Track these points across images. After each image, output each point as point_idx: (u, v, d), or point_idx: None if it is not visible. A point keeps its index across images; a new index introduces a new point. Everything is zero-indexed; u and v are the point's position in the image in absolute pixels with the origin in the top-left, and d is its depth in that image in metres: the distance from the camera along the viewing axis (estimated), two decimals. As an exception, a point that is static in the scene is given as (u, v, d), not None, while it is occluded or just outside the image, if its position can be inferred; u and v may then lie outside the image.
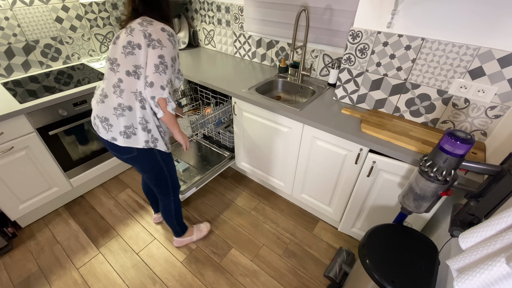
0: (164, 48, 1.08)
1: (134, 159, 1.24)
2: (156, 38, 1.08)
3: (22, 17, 1.78)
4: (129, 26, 1.12)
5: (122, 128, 1.14)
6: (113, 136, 1.16)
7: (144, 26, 1.09)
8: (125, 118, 1.13)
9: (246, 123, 1.80)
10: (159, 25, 1.11)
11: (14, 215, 1.68)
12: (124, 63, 1.10)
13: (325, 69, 1.85)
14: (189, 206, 2.00)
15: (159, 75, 1.08)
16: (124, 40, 1.10)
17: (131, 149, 1.19)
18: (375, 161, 1.30)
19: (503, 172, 0.83)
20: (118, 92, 1.11)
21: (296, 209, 2.00)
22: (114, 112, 1.13)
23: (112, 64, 1.13)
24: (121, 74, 1.11)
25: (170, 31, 1.12)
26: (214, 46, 2.45)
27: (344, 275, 1.47)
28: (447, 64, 1.20)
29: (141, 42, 1.08)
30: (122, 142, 1.16)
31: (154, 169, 1.31)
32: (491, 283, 0.63)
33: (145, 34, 1.07)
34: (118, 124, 1.14)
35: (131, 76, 1.10)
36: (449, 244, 1.11)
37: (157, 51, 1.07)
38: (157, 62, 1.07)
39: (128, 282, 1.53)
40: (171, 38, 1.11)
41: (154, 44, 1.07)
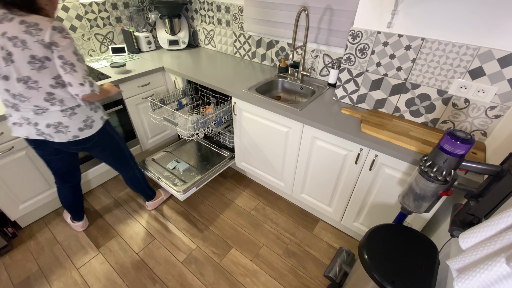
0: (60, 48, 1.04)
1: (96, 143, 1.35)
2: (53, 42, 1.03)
3: (22, 17, 1.78)
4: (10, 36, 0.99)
5: (81, 124, 1.23)
6: (73, 135, 1.23)
7: (35, 34, 1.00)
8: (78, 115, 1.21)
9: (246, 123, 1.80)
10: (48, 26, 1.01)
11: (14, 215, 1.68)
12: (42, 79, 1.07)
13: (325, 69, 1.85)
14: (189, 206, 2.00)
15: (71, 75, 1.08)
16: (23, 55, 1.01)
17: (93, 135, 1.30)
18: (377, 155, 1.30)
19: (503, 172, 0.83)
20: (57, 102, 1.15)
21: (296, 209, 2.00)
22: (64, 114, 1.18)
23: (27, 83, 1.07)
24: (45, 89, 1.10)
25: (60, 26, 1.04)
26: (214, 46, 2.45)
27: (344, 275, 1.47)
28: (447, 64, 1.20)
29: (47, 55, 1.04)
30: (86, 134, 1.26)
31: (112, 145, 1.44)
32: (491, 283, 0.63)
33: (44, 45, 1.02)
34: (74, 123, 1.21)
35: (58, 87, 1.12)
36: (449, 244, 1.11)
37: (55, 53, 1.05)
38: (61, 64, 1.06)
39: (128, 282, 1.53)
40: (64, 34, 1.05)
41: (52, 49, 1.04)
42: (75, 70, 1.08)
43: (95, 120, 1.28)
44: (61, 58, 1.05)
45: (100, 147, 1.39)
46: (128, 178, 1.66)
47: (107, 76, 1.87)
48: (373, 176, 1.38)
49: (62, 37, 1.04)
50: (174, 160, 2.10)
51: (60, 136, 1.22)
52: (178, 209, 1.97)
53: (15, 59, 1.02)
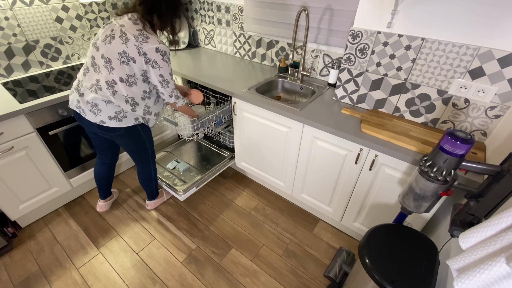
0: (161, 69, 1.27)
1: (121, 136, 1.42)
2: (153, 59, 1.24)
3: (22, 17, 1.78)
4: (124, 30, 1.22)
5: (113, 114, 1.31)
6: (101, 119, 1.32)
7: (140, 41, 1.21)
8: (115, 105, 1.30)
9: (246, 123, 1.80)
10: (153, 44, 1.22)
11: (14, 215, 1.68)
12: (118, 69, 1.24)
13: (325, 69, 1.85)
14: (189, 206, 2.00)
15: (165, 88, 1.33)
16: (119, 46, 1.21)
17: (120, 128, 1.37)
18: (377, 155, 1.30)
19: (503, 172, 0.83)
20: (111, 91, 1.27)
21: (296, 209, 2.00)
22: (104, 99, 1.28)
23: (107, 63, 1.24)
24: (115, 77, 1.25)
25: (163, 50, 1.25)
26: (214, 46, 2.45)
27: (344, 275, 1.47)
28: (447, 64, 1.20)
29: (136, 58, 1.22)
30: (113, 124, 1.33)
31: (138, 143, 1.51)
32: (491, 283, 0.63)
33: (139, 51, 1.21)
34: (107, 110, 1.30)
35: (124, 83, 1.26)
36: (449, 244, 1.11)
37: (157, 71, 1.27)
38: (160, 80, 1.30)
39: (128, 282, 1.53)
40: (165, 58, 1.26)
41: (152, 64, 1.25)
42: (168, 86, 1.34)
43: (128, 117, 1.35)
44: (161, 77, 1.29)
45: (125, 141, 1.47)
46: (142, 173, 1.72)
47: (107, 76, 1.87)
48: (373, 176, 1.38)
49: (162, 60, 1.26)
50: (174, 160, 2.10)
51: (90, 116, 1.32)
52: (178, 209, 1.97)
53: (113, 43, 1.22)
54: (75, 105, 1.35)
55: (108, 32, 1.24)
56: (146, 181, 1.76)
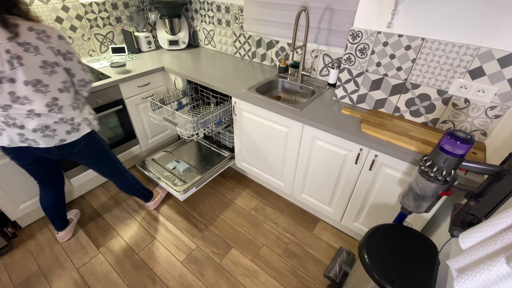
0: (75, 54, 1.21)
1: (83, 148, 1.35)
2: (65, 51, 1.16)
3: (22, 17, 1.78)
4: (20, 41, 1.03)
5: (69, 127, 1.25)
6: (60, 138, 1.24)
7: (47, 41, 1.09)
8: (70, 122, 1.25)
9: (246, 123, 1.80)
10: (54, 33, 1.11)
11: (14, 215, 1.68)
12: (52, 82, 1.14)
13: (325, 69, 1.85)
14: (189, 206, 2.00)
15: (87, 73, 1.29)
16: (35, 60, 1.07)
17: (79, 140, 1.31)
18: (377, 155, 1.30)
19: (503, 172, 0.83)
20: (56, 109, 1.18)
21: (296, 209, 2.00)
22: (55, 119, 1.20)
23: (37, 86, 1.10)
24: (53, 93, 1.15)
25: (61, 34, 1.15)
26: (214, 46, 2.45)
27: (344, 275, 1.47)
28: (447, 64, 1.20)
29: (56, 60, 1.13)
30: (74, 137, 1.28)
31: (100, 150, 1.45)
32: (491, 283, 0.63)
33: (54, 52, 1.12)
34: (63, 127, 1.23)
35: (64, 92, 1.19)
36: (449, 244, 1.11)
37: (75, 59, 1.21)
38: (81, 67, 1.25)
39: (128, 282, 1.53)
40: (67, 41, 1.18)
41: (66, 56, 1.17)
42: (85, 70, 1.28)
43: (81, 124, 1.29)
44: (80, 63, 1.23)
45: (87, 153, 1.39)
46: (120, 183, 1.64)
47: (107, 76, 1.87)
48: (373, 176, 1.38)
49: (67, 44, 1.17)
50: (174, 160, 2.10)
51: (47, 141, 1.21)
52: (178, 209, 1.97)
53: (25, 63, 1.06)
54: (19, 140, 1.18)
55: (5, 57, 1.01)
56: (129, 188, 1.70)
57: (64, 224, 1.70)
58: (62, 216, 1.66)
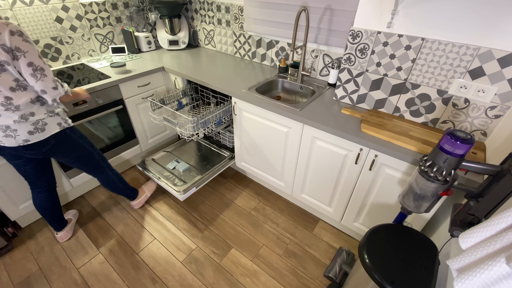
0: (27, 53, 1.04)
1: (54, 147, 1.27)
2: (15, 47, 1.02)
3: (22, 17, 1.78)
4: None
5: (31, 127, 1.16)
6: (23, 139, 1.17)
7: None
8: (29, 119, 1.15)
9: (246, 123, 1.80)
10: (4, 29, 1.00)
11: (14, 215, 1.68)
12: (2, 81, 1.04)
13: (325, 69, 1.85)
14: (189, 206, 2.00)
15: (42, 81, 1.09)
16: None
17: (48, 139, 1.22)
18: (377, 155, 1.30)
19: (503, 172, 0.83)
20: (12, 108, 1.10)
21: (296, 209, 2.00)
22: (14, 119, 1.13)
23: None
24: (5, 92, 1.07)
25: (18, 30, 1.02)
26: (214, 46, 2.45)
27: (344, 275, 1.47)
28: (447, 64, 1.20)
29: (6, 59, 1.02)
30: (39, 137, 1.18)
31: (77, 149, 1.37)
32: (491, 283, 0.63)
33: (4, 49, 1.00)
34: (24, 126, 1.15)
35: (18, 90, 1.08)
36: (449, 244, 1.11)
37: (24, 60, 1.04)
38: (31, 71, 1.05)
39: (128, 282, 1.53)
40: (24, 37, 1.03)
41: (15, 54, 1.02)
42: (45, 75, 1.08)
43: (48, 123, 1.21)
44: (30, 65, 1.04)
45: (62, 152, 1.32)
46: (103, 181, 1.63)
47: (107, 76, 1.87)
48: (373, 176, 1.38)
49: (24, 41, 1.02)
50: (174, 160, 2.10)
51: (9, 141, 1.16)
52: (178, 209, 1.97)
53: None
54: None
55: None
56: (112, 186, 1.68)
57: (62, 224, 1.70)
58: (58, 216, 1.65)
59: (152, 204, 2.01)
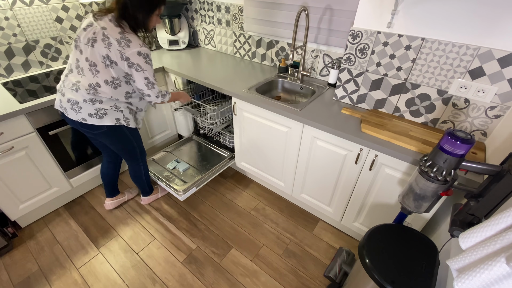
0: (145, 71, 1.30)
1: (104, 134, 1.43)
2: (136, 63, 1.27)
3: (22, 17, 1.78)
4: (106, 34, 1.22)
5: (93, 111, 1.33)
6: (82, 117, 1.33)
7: (122, 46, 1.23)
8: (96, 104, 1.32)
9: (246, 123, 1.80)
10: (135, 48, 1.24)
11: (14, 215, 1.68)
12: (103, 72, 1.28)
13: (325, 69, 1.85)
14: (189, 206, 2.00)
15: (151, 90, 1.36)
16: (102, 50, 1.24)
17: (101, 126, 1.38)
18: (377, 155, 1.30)
19: (503, 172, 0.83)
20: (92, 92, 1.30)
21: (296, 209, 2.00)
22: (85, 100, 1.31)
23: (92, 67, 1.27)
24: (99, 80, 1.28)
25: (145, 53, 1.28)
26: (214, 46, 2.45)
27: (344, 275, 1.47)
28: (447, 64, 1.20)
29: (118, 62, 1.26)
30: (93, 121, 1.35)
31: (124, 142, 1.52)
32: (491, 283, 0.63)
33: (122, 56, 1.24)
34: (87, 107, 1.32)
35: (109, 85, 1.30)
36: (449, 244, 1.11)
37: (141, 74, 1.30)
38: (146, 82, 1.33)
39: (128, 282, 1.53)
40: (147, 60, 1.30)
41: (136, 68, 1.28)
42: (154, 87, 1.37)
43: (108, 114, 1.36)
44: (146, 79, 1.32)
45: (109, 140, 1.48)
46: (132, 170, 1.75)
47: (107, 76, 1.87)
48: (373, 176, 1.38)
49: (146, 62, 1.29)
50: (174, 160, 2.10)
51: (72, 114, 1.34)
52: (178, 209, 1.97)
53: (96, 47, 1.24)
54: (59, 105, 1.37)
55: (90, 35, 1.24)
56: (136, 178, 1.79)
57: (112, 193, 1.89)
58: (112, 185, 1.85)
59: (152, 204, 2.01)
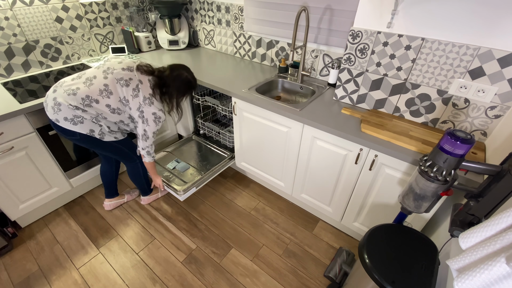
0: (148, 127, 1.42)
1: (79, 141, 1.41)
2: (146, 117, 1.40)
3: (22, 17, 1.78)
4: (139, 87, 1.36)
5: (70, 116, 1.30)
6: (57, 118, 1.31)
7: (145, 103, 1.37)
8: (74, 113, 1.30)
9: (246, 123, 1.80)
10: (154, 109, 1.39)
11: (14, 215, 1.68)
12: (113, 102, 1.34)
13: (325, 69, 1.85)
14: (189, 206, 2.00)
15: (142, 141, 1.47)
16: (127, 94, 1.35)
17: (73, 132, 1.35)
18: (377, 155, 1.30)
19: (503, 172, 0.83)
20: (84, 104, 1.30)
21: (296, 209, 2.00)
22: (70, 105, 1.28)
23: (105, 91, 1.32)
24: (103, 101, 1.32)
25: (159, 116, 1.42)
26: (214, 46, 2.45)
27: (344, 275, 1.47)
28: (447, 64, 1.20)
29: (132, 108, 1.38)
30: (66, 126, 1.32)
31: (103, 148, 1.49)
32: (491, 283, 0.63)
33: (139, 108, 1.38)
34: (67, 111, 1.29)
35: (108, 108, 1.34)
36: (449, 244, 1.11)
37: (143, 126, 1.42)
38: (142, 133, 1.44)
39: (128, 282, 1.53)
40: (156, 120, 1.42)
41: (143, 120, 1.40)
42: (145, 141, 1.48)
43: (84, 123, 1.34)
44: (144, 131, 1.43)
45: (89, 146, 1.46)
46: (130, 170, 1.76)
47: (107, 76, 1.87)
48: (373, 176, 1.38)
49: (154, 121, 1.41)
50: (174, 160, 2.10)
51: (50, 111, 1.31)
52: (178, 209, 1.97)
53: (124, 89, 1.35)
54: (45, 98, 1.36)
55: (126, 78, 1.34)
56: (134, 177, 1.80)
57: (111, 194, 1.90)
58: (110, 185, 1.86)
59: (152, 204, 2.01)
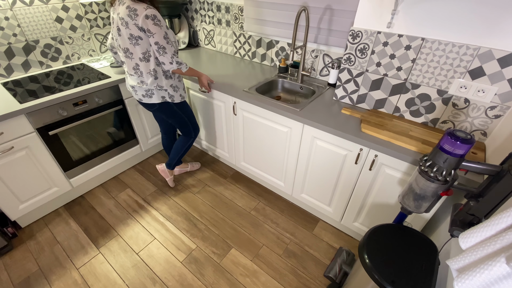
0: (155, 35, 1.36)
1: (158, 110, 1.67)
2: (146, 28, 1.34)
3: (22, 17, 1.78)
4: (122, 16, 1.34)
5: (144, 92, 1.57)
6: (139, 98, 1.60)
7: (133, 18, 1.32)
8: (144, 86, 1.53)
9: (246, 123, 1.80)
10: (141, 13, 1.30)
11: (14, 215, 1.68)
12: (135, 52, 1.42)
13: (325, 69, 1.85)
14: (189, 206, 2.00)
15: (163, 56, 1.43)
16: (125, 33, 1.37)
17: (153, 104, 1.62)
18: (377, 155, 1.30)
19: (503, 172, 0.83)
20: (138, 72, 1.49)
21: (296, 209, 2.00)
22: (137, 83, 1.54)
23: (126, 53, 1.44)
24: (136, 60, 1.45)
25: (151, 14, 1.31)
26: (214, 46, 2.45)
27: (344, 275, 1.47)
28: (447, 64, 1.20)
29: (140, 35, 1.36)
30: (147, 100, 1.60)
31: (175, 116, 1.74)
32: (491, 283, 0.63)
33: (138, 28, 1.34)
34: (140, 89, 1.56)
35: (143, 61, 1.45)
36: (449, 244, 1.11)
37: (151, 40, 1.37)
38: (156, 48, 1.40)
39: (128, 282, 1.53)
40: (155, 21, 1.33)
41: (147, 34, 1.36)
42: (166, 52, 1.42)
43: (154, 94, 1.57)
44: (156, 44, 1.38)
45: (164, 114, 1.71)
46: (180, 140, 1.92)
47: (107, 76, 1.87)
48: (373, 176, 1.38)
49: (154, 24, 1.33)
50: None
51: (134, 95, 1.62)
52: (178, 209, 1.97)
53: (122, 34, 1.39)
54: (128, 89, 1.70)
55: (115, 28, 1.40)
56: (177, 147, 1.93)
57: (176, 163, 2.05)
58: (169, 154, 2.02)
59: (152, 204, 2.01)
